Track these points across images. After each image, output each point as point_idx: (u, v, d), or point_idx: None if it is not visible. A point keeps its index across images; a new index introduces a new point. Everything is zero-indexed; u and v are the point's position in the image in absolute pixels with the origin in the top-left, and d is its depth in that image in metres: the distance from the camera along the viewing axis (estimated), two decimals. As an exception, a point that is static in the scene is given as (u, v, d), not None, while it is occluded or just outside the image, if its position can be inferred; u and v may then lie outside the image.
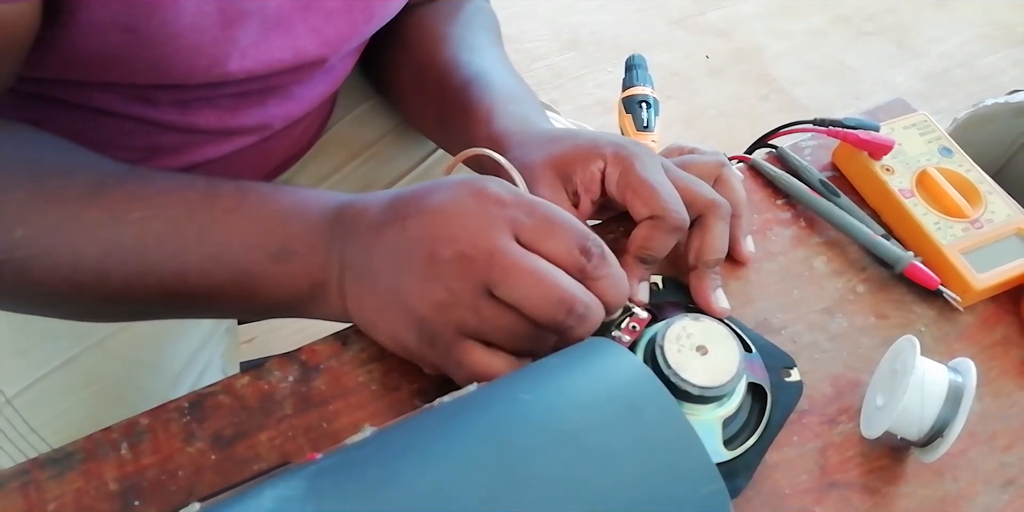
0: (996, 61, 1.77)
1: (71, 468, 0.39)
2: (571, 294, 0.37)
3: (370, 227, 0.40)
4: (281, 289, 0.41)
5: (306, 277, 0.41)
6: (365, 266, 0.39)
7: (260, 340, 1.09)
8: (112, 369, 0.56)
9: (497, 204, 0.38)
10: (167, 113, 0.49)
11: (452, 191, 0.39)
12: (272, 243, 0.40)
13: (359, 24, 0.51)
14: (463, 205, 0.38)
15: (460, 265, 0.37)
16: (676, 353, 0.39)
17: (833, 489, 0.43)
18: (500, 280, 0.37)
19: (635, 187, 0.43)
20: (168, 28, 0.41)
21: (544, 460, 0.30)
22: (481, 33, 0.59)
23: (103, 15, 0.39)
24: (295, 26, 0.47)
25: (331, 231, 0.41)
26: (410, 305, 0.38)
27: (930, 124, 0.56)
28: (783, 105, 1.64)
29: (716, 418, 0.40)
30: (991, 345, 0.49)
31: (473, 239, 0.37)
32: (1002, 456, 0.45)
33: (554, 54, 1.70)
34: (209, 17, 0.42)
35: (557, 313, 0.37)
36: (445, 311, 0.38)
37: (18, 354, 0.54)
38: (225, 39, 0.43)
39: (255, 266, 0.40)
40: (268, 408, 0.42)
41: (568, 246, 0.38)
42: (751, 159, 0.55)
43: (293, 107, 0.55)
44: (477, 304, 0.37)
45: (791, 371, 0.44)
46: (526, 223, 0.38)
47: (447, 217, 0.38)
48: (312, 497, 0.29)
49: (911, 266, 0.49)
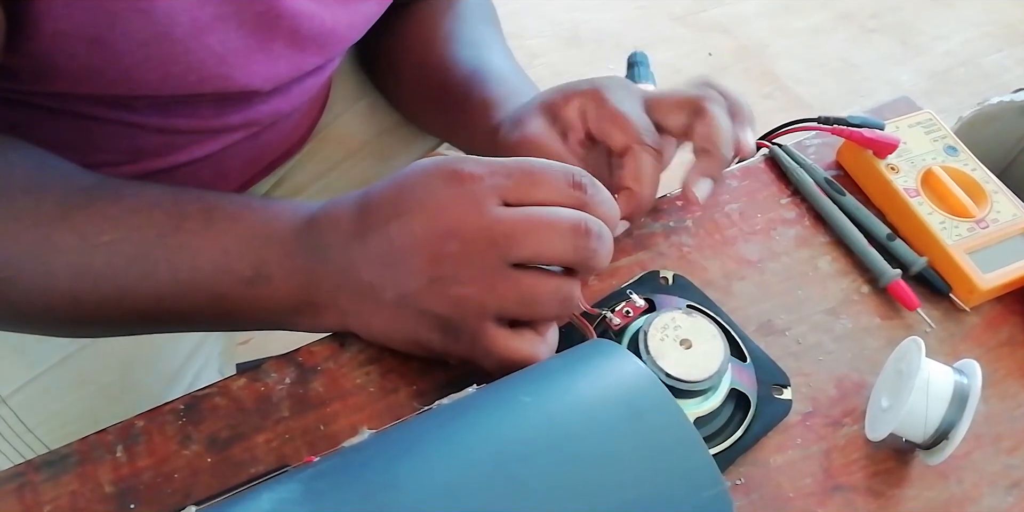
0: (1000, 59, 1.77)
1: (66, 470, 0.39)
2: (578, 218, 0.37)
3: (349, 238, 0.39)
4: (261, 311, 0.41)
5: (287, 299, 0.40)
6: (359, 281, 0.39)
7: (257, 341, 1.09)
8: (108, 368, 0.55)
9: (472, 180, 0.37)
10: (148, 117, 0.48)
11: (424, 185, 0.38)
12: (244, 268, 0.40)
13: (357, 20, 0.50)
14: (441, 196, 0.37)
15: (466, 255, 0.36)
16: (658, 341, 0.39)
17: (837, 492, 0.42)
18: (509, 245, 0.36)
19: (610, 119, 0.44)
20: (134, 37, 0.40)
21: (545, 463, 0.30)
22: (480, 26, 0.58)
23: (67, 26, 0.38)
24: (277, 37, 0.46)
25: (307, 250, 0.40)
26: (425, 308, 0.38)
27: (935, 122, 0.55)
28: (786, 103, 1.63)
29: (687, 414, 0.40)
30: (997, 346, 0.48)
31: (466, 226, 0.36)
32: (1008, 458, 0.44)
33: (555, 51, 1.70)
34: (181, 26, 0.41)
35: (577, 240, 0.36)
36: (464, 304, 0.37)
37: (14, 352, 0.54)
38: (199, 47, 0.42)
39: (230, 291, 0.40)
40: (265, 410, 0.42)
41: (558, 188, 0.38)
42: (770, 146, 0.55)
43: (281, 103, 0.54)
44: (493, 284, 0.37)
45: (784, 389, 0.44)
46: (508, 185, 0.37)
47: (431, 214, 0.37)
48: (309, 500, 0.29)
49: (895, 283, 0.48)
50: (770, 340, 0.47)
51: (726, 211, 0.52)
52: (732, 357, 0.41)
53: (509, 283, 0.37)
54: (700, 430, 0.40)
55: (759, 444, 0.43)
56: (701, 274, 0.49)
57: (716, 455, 0.41)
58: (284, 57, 0.47)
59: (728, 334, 0.44)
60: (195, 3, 0.40)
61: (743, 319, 0.47)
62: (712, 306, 0.46)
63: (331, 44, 0.50)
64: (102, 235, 0.40)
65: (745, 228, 0.51)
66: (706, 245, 0.50)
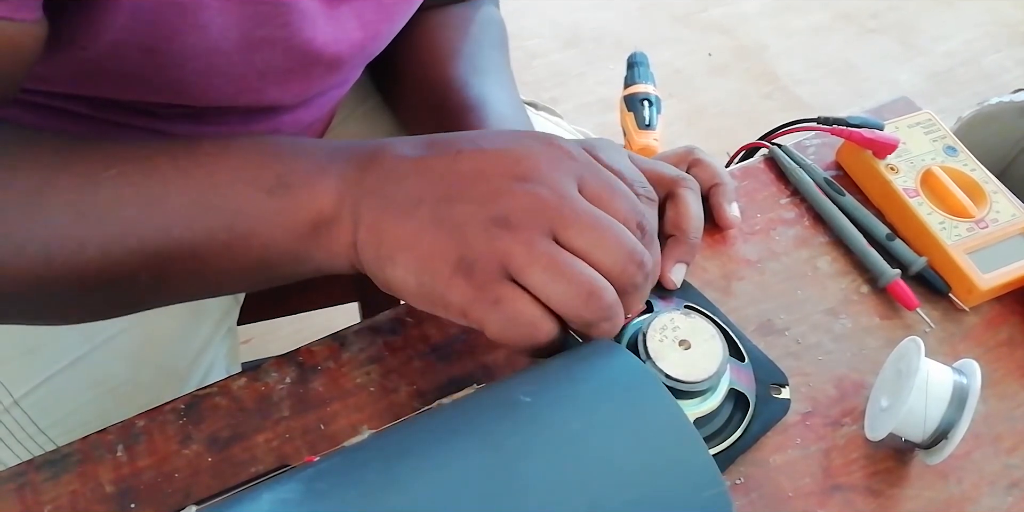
0: (1000, 59, 1.77)
1: (67, 470, 0.39)
2: (642, 250, 0.35)
3: (401, 159, 0.36)
4: (278, 228, 0.37)
5: (308, 210, 0.36)
6: (398, 192, 0.36)
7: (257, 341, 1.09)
8: (120, 368, 0.55)
9: (568, 156, 0.36)
10: (176, 126, 0.49)
11: (517, 136, 0.37)
12: (267, 176, 0.36)
13: (383, 39, 0.51)
14: (533, 149, 0.36)
15: (529, 201, 0.34)
16: (657, 342, 0.39)
17: (837, 491, 0.42)
18: (573, 223, 0.34)
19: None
20: (189, 49, 0.40)
21: (545, 463, 0.30)
22: (490, 51, 0.58)
23: (127, 36, 0.38)
24: (318, 63, 0.46)
25: (341, 165, 0.37)
26: (458, 226, 0.34)
27: (935, 123, 0.55)
28: (786, 103, 1.63)
29: (687, 415, 0.40)
30: (996, 346, 0.49)
31: (546, 180, 0.35)
32: (1007, 458, 0.45)
33: (555, 52, 1.70)
34: (230, 41, 0.41)
35: (629, 265, 0.35)
36: (499, 237, 0.34)
37: (27, 353, 0.54)
38: (243, 63, 0.42)
39: (247, 203, 0.36)
40: (265, 410, 0.42)
41: (626, 216, 0.36)
42: (769, 146, 0.55)
43: (304, 114, 0.54)
44: (535, 244, 0.34)
45: (782, 388, 0.44)
46: (592, 183, 0.36)
47: (515, 156, 0.35)
48: (310, 500, 0.29)
49: (894, 283, 0.49)
50: (770, 340, 0.47)
51: (726, 211, 0.52)
52: (731, 357, 0.42)
53: (551, 252, 0.34)
54: (699, 430, 0.41)
55: (759, 444, 0.43)
56: (701, 274, 0.49)
57: (716, 455, 0.41)
58: (319, 78, 0.48)
59: (726, 334, 0.44)
60: (248, 24, 0.41)
61: (743, 319, 0.47)
62: (710, 306, 0.46)
63: (360, 60, 0.50)
64: (109, 170, 0.36)
65: (744, 228, 0.51)
66: (705, 245, 0.50)
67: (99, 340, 0.55)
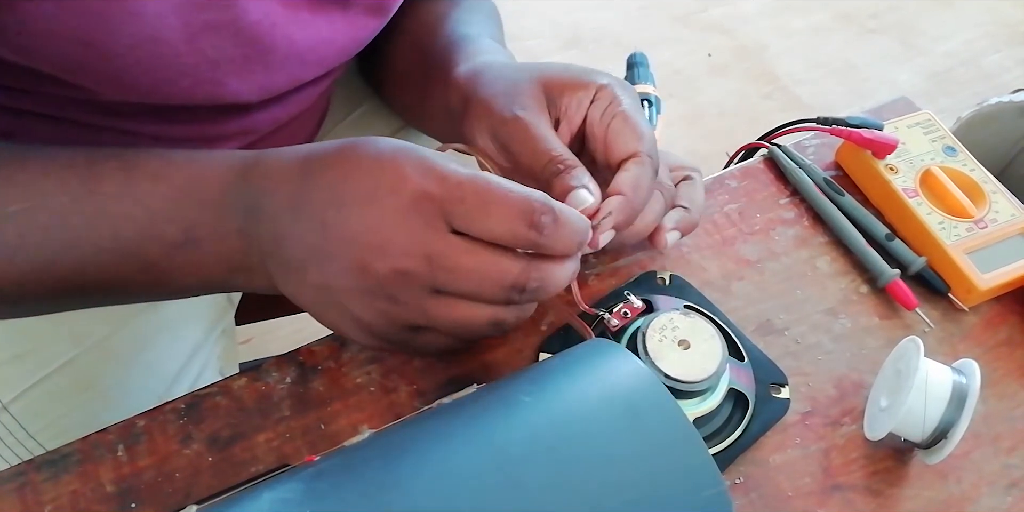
0: (1000, 60, 1.77)
1: (67, 470, 0.39)
2: (516, 274, 0.35)
3: (283, 206, 0.37)
4: (193, 277, 0.38)
5: (219, 263, 0.38)
6: (287, 254, 0.37)
7: (257, 341, 1.09)
8: (109, 371, 0.55)
9: (422, 198, 0.34)
10: (144, 125, 0.47)
11: (374, 179, 0.35)
12: (173, 232, 0.37)
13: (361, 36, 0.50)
14: (387, 202, 0.35)
15: (398, 279, 0.35)
16: (657, 342, 0.40)
17: (836, 491, 0.42)
18: (446, 281, 0.35)
19: (624, 119, 0.41)
20: (127, 39, 0.39)
21: (545, 463, 0.30)
22: (480, 17, 0.58)
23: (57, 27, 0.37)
24: (274, 49, 0.44)
25: (238, 211, 0.37)
26: (349, 309, 0.36)
27: (934, 123, 0.55)
28: (786, 103, 1.63)
29: (687, 414, 0.40)
30: (995, 346, 0.49)
31: (405, 249, 0.34)
32: (1006, 458, 0.45)
33: (555, 52, 1.70)
34: (172, 29, 0.39)
35: (510, 293, 0.35)
36: (391, 318, 0.36)
37: (14, 358, 0.54)
38: (191, 51, 0.41)
39: (159, 258, 0.37)
40: (265, 409, 0.42)
41: (511, 225, 0.34)
42: (769, 146, 0.55)
43: (279, 112, 0.52)
44: (424, 306, 0.35)
45: (782, 388, 0.44)
46: (459, 209, 0.35)
47: (371, 221, 0.35)
48: (310, 500, 0.29)
49: (893, 283, 0.49)
50: (769, 340, 0.47)
51: (725, 211, 0.52)
52: (730, 357, 0.42)
53: (444, 308, 0.36)
54: (699, 430, 0.41)
55: (758, 443, 0.43)
56: (700, 274, 0.49)
57: (715, 454, 0.41)
58: (282, 69, 0.46)
59: (726, 334, 0.44)
60: (188, 8, 0.40)
61: (742, 319, 0.47)
62: (709, 306, 0.46)
63: (331, 56, 0.49)
64: (9, 204, 0.36)
65: (744, 228, 0.51)
66: (705, 245, 0.50)
67: (88, 343, 0.55)
